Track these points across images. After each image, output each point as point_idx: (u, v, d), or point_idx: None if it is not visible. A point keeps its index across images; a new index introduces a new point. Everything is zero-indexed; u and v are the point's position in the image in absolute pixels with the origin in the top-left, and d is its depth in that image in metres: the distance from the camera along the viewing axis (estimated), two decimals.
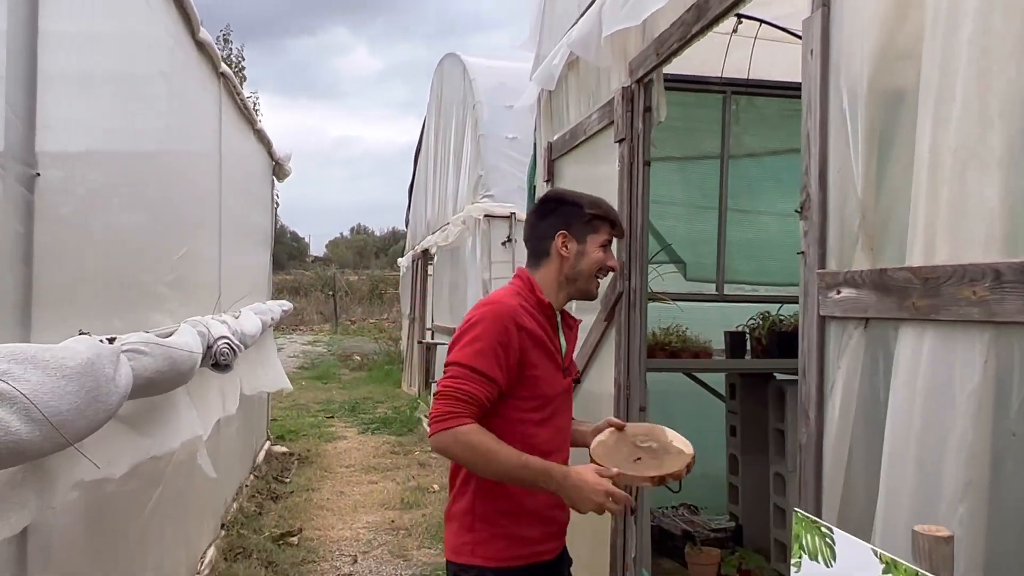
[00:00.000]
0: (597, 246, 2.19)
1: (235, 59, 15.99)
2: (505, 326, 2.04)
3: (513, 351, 2.04)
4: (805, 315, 1.80)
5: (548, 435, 2.14)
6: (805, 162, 1.81)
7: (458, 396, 1.97)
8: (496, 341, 2.02)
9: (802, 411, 1.80)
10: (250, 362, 5.81)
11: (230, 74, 5.17)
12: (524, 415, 2.09)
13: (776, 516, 4.24)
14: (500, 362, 2.02)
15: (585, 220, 2.20)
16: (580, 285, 2.21)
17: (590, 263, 2.18)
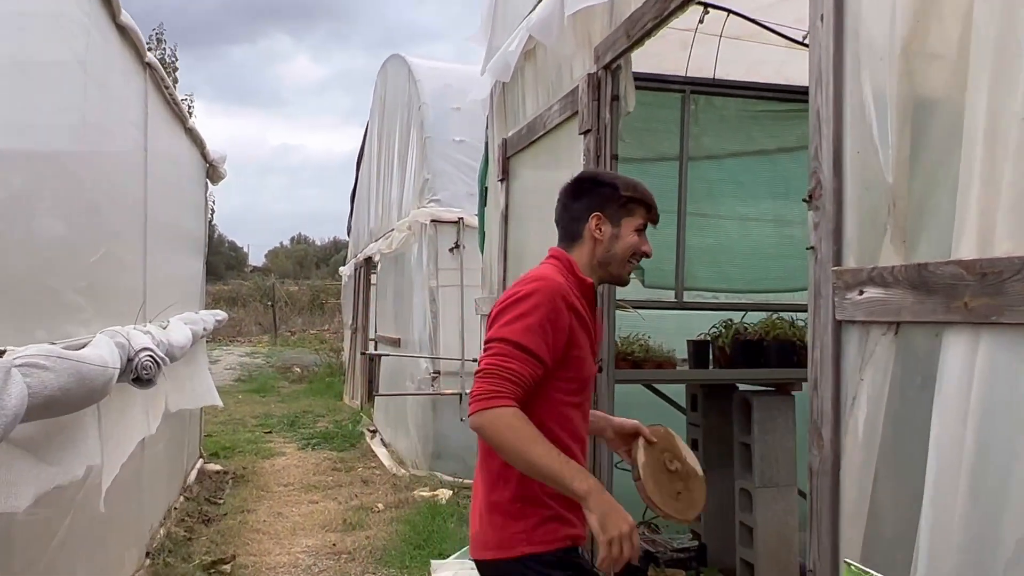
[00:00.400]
0: (632, 230, 2.09)
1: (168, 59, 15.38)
2: (556, 304, 1.94)
3: (561, 331, 1.94)
4: (816, 320, 1.56)
5: (580, 420, 2.06)
6: (814, 145, 1.58)
7: (503, 375, 1.85)
8: (546, 318, 1.91)
9: (813, 431, 1.56)
10: (179, 376, 5.42)
11: (157, 65, 4.80)
12: (564, 397, 1.99)
13: (743, 534, 4.04)
14: (548, 340, 1.91)
15: (621, 203, 2.09)
16: (612, 270, 2.12)
17: (624, 247, 2.09)
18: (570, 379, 1.99)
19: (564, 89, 3.09)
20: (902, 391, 1.36)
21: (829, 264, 1.52)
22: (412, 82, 8.20)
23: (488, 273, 4.42)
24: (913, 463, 1.30)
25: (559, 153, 3.16)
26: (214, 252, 46.41)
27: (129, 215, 4.22)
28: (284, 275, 43.57)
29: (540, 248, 3.60)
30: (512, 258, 3.78)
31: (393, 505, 6.18)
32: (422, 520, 5.60)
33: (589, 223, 2.10)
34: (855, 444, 1.46)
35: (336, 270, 20.63)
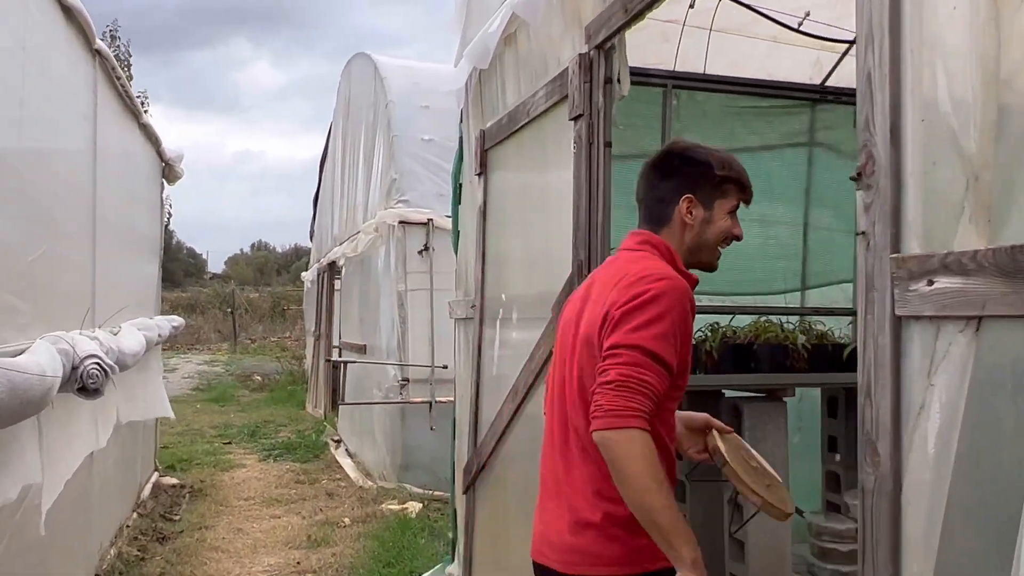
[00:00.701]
0: (725, 212, 1.91)
1: (123, 56, 14.88)
2: (685, 308, 1.77)
3: (688, 336, 1.80)
4: (870, 316, 1.35)
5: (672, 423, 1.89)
6: (864, 114, 1.37)
7: (640, 389, 1.66)
8: (676, 324, 1.73)
9: (866, 445, 1.35)
10: (130, 385, 5.09)
11: (108, 53, 4.49)
12: (670, 403, 1.83)
13: (733, 549, 3.84)
14: (676, 348, 1.73)
15: (715, 183, 1.90)
16: (703, 257, 1.93)
17: (716, 232, 1.91)
18: (679, 386, 1.82)
19: (550, 74, 2.86)
20: (985, 399, 1.15)
21: (886, 251, 1.31)
22: (378, 80, 7.94)
23: (463, 274, 4.17)
24: (1003, 485, 1.09)
25: (545, 142, 2.93)
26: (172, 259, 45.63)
27: (75, 212, 3.92)
28: (244, 282, 42.95)
29: (523, 246, 3.38)
30: (491, 258, 3.54)
31: (360, 520, 5.89)
32: (391, 536, 5.33)
33: (680, 206, 1.90)
34: (922, 461, 1.24)
35: (297, 277, 20.23)
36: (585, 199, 2.52)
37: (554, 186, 2.83)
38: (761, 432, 3.79)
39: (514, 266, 3.34)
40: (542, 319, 2.81)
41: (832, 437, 4.41)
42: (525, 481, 3.13)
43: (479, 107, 3.81)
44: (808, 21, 3.80)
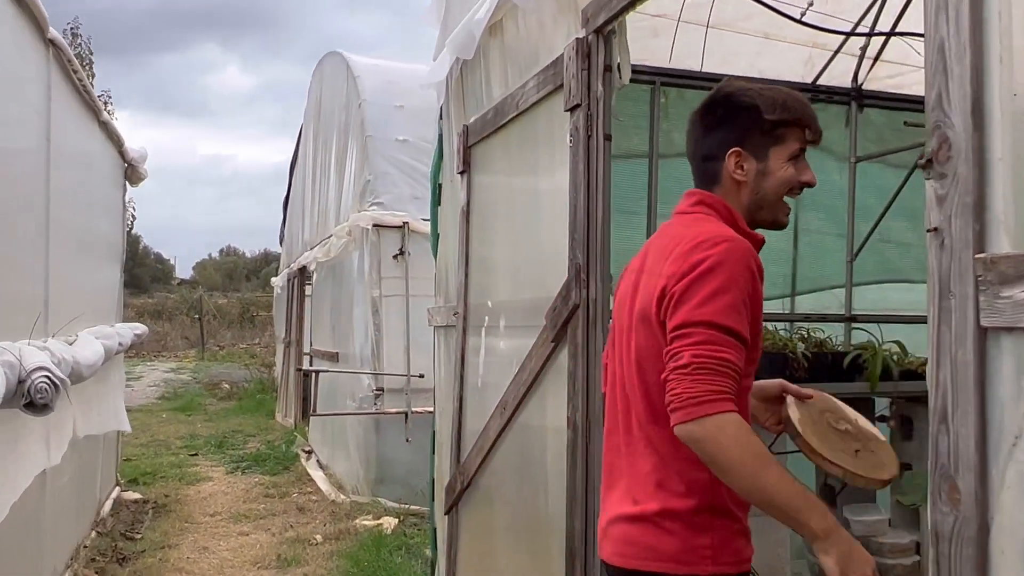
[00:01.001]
0: (784, 160, 1.68)
1: (84, 55, 14.43)
2: (751, 271, 1.56)
3: (757, 302, 1.58)
4: (945, 327, 1.14)
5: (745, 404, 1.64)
6: (936, 90, 1.17)
7: (720, 369, 1.49)
8: (745, 291, 1.54)
9: (942, 479, 1.15)
10: (87, 397, 4.80)
11: (63, 44, 4.21)
12: (746, 382, 1.62)
13: None
14: (747, 318, 1.54)
15: (766, 130, 1.68)
16: (766, 215, 1.72)
17: (776, 185, 1.69)
18: (753, 359, 1.62)
19: (542, 63, 2.65)
20: None
21: (968, 251, 1.10)
22: (351, 79, 7.69)
23: (443, 279, 3.95)
24: None
25: (537, 136, 2.72)
26: (139, 264, 44.90)
27: (25, 214, 3.64)
28: (213, 288, 42.41)
29: (512, 249, 3.15)
30: (476, 262, 3.32)
31: (333, 537, 5.62)
32: (366, 554, 5.07)
33: (727, 163, 1.70)
34: (1019, 502, 1.04)
35: (267, 282, 19.86)
36: (583, 196, 2.31)
37: (547, 183, 2.62)
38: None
39: (502, 271, 3.11)
40: (534, 327, 2.59)
41: None
42: (515, 501, 2.90)
43: (461, 102, 3.59)
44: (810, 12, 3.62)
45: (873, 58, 4.54)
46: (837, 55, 4.52)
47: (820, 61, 4.59)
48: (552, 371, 2.53)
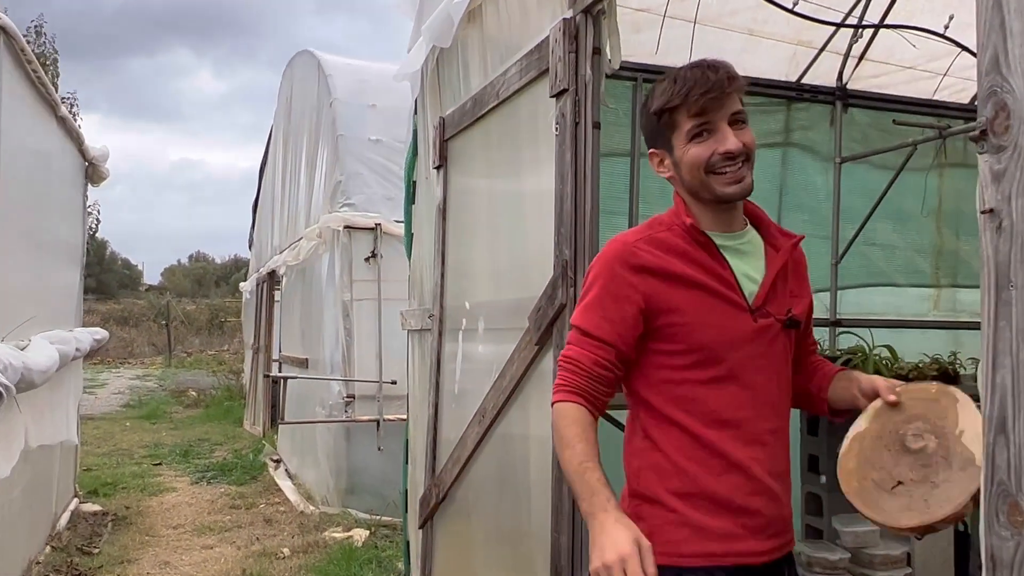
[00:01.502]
0: (684, 144, 1.64)
1: (48, 53, 14.02)
2: (614, 271, 1.65)
3: (630, 300, 1.63)
4: (1004, 322, 0.99)
5: (727, 399, 1.62)
6: (990, 49, 1.02)
7: (565, 366, 1.67)
8: (604, 291, 1.65)
9: (1000, 497, 0.99)
10: (39, 405, 4.56)
11: (15, 31, 3.99)
12: (678, 374, 1.64)
13: None
14: (609, 315, 1.64)
15: (656, 123, 1.69)
16: (706, 195, 1.67)
17: (689, 168, 1.65)
18: (676, 352, 1.63)
19: (525, 50, 2.49)
20: None
21: None
22: (323, 78, 7.49)
23: (417, 281, 3.77)
24: None
25: (519, 125, 2.55)
26: (106, 270, 44.16)
27: None
28: (181, 294, 41.89)
29: (492, 247, 2.98)
30: (452, 262, 3.15)
31: (301, 550, 5.40)
32: (335, 569, 4.86)
33: (654, 166, 1.77)
34: None
35: (236, 288, 19.54)
36: (570, 187, 2.15)
37: (530, 175, 2.46)
38: None
39: (481, 270, 2.94)
40: (516, 330, 2.42)
41: (813, 456, 4.13)
42: (495, 515, 2.73)
43: (437, 94, 3.42)
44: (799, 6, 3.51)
45: (858, 57, 4.45)
46: (822, 53, 4.42)
47: (805, 59, 4.49)
48: (535, 376, 2.37)
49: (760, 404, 1.65)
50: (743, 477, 1.62)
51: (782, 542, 1.69)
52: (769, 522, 1.66)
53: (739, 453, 1.62)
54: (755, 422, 1.63)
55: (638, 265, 1.64)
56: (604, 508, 1.50)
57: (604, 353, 1.63)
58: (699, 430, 1.62)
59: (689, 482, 1.62)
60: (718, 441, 1.61)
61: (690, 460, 1.62)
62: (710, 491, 1.62)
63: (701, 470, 1.62)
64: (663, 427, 1.65)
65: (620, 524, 1.49)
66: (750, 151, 1.64)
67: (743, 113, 1.66)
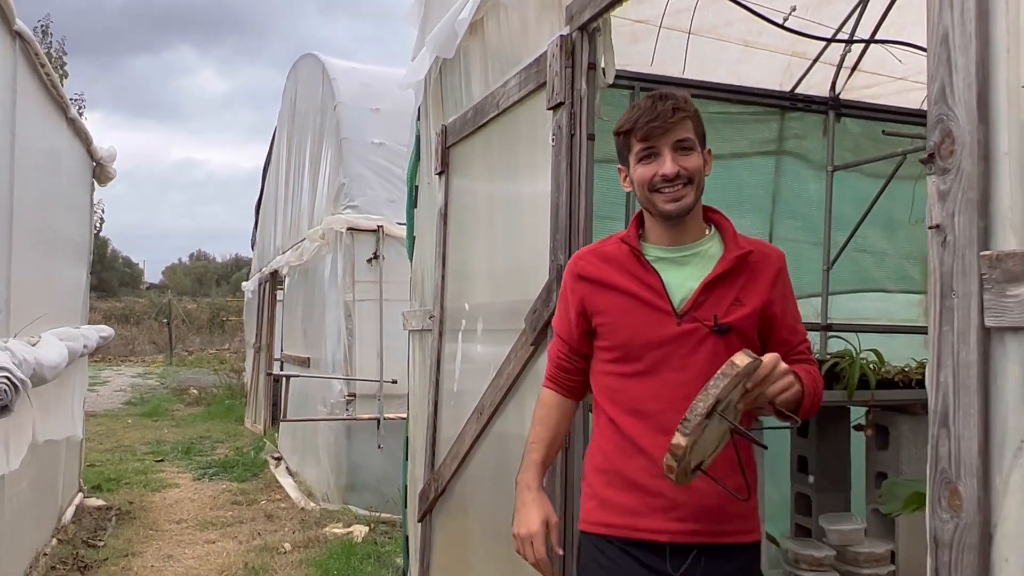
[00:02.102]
0: (636, 163, 1.85)
1: (56, 53, 14.16)
2: (565, 280, 2.00)
3: (573, 303, 1.95)
4: (947, 327, 1.10)
5: (643, 392, 1.82)
6: (939, 82, 1.13)
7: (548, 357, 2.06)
8: (560, 297, 2.02)
9: (942, 484, 1.10)
10: (46, 400, 4.67)
11: (30, 36, 4.10)
12: (607, 367, 1.90)
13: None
14: (562, 316, 2.00)
15: (620, 143, 1.92)
16: (652, 210, 1.87)
17: (638, 185, 1.86)
18: (605, 348, 1.89)
19: (524, 62, 2.60)
20: None
21: (971, 248, 1.07)
22: (327, 81, 7.60)
23: (418, 283, 3.88)
24: None
25: (518, 136, 2.67)
26: (107, 268, 44.20)
27: None
28: (182, 292, 41.95)
29: (490, 251, 3.09)
30: (453, 264, 3.26)
31: (301, 545, 5.51)
32: (335, 563, 4.97)
33: (621, 180, 1.96)
34: (1017, 507, 1.00)
35: (238, 287, 19.64)
36: (565, 196, 2.26)
37: (528, 184, 2.57)
38: None
39: (480, 273, 3.05)
40: (512, 331, 2.53)
41: (802, 457, 4.23)
42: (492, 509, 2.84)
43: (440, 102, 3.54)
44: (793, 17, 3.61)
45: (851, 68, 4.55)
46: (816, 64, 4.52)
47: (799, 70, 4.59)
48: (531, 375, 2.48)
49: (678, 399, 1.71)
50: (649, 461, 1.75)
51: (695, 528, 1.77)
52: (676, 505, 1.76)
53: (648, 440, 1.77)
54: (669, 415, 1.72)
55: (578, 274, 1.94)
56: (528, 486, 1.95)
57: (562, 347, 1.99)
58: (617, 416, 1.84)
59: (604, 460, 1.87)
60: (631, 427, 1.81)
61: (609, 442, 1.86)
62: (620, 470, 1.83)
63: (615, 451, 1.84)
64: (597, 412, 1.93)
65: (535, 503, 1.93)
66: (691, 175, 1.80)
67: (689, 140, 1.82)
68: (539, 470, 1.97)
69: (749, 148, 4.74)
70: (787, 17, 3.51)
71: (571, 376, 1.99)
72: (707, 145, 1.93)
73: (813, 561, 3.63)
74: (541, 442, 1.98)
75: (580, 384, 2.00)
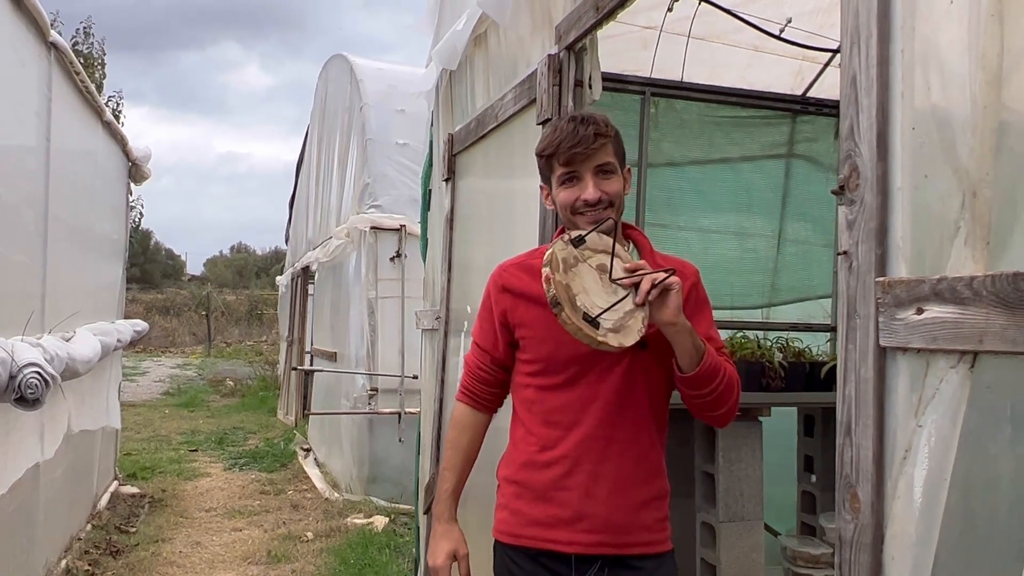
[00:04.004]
0: (558, 187, 1.88)
1: (96, 54, 14.57)
2: (488, 288, 1.99)
3: (497, 315, 1.94)
4: (851, 345, 1.21)
5: (563, 403, 1.84)
6: (848, 121, 1.23)
7: (465, 367, 2.04)
8: (484, 304, 2.00)
9: (845, 489, 1.21)
10: (81, 392, 4.90)
11: (64, 47, 4.31)
12: (527, 379, 1.91)
13: (705, 572, 3.70)
14: (485, 326, 1.99)
15: (541, 165, 1.94)
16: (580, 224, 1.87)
17: (561, 208, 1.89)
18: (526, 360, 1.91)
19: (520, 76, 2.72)
20: (981, 445, 1.01)
21: (870, 274, 1.17)
22: (354, 82, 7.78)
23: (430, 283, 4.02)
24: (999, 546, 0.96)
25: (513, 148, 2.79)
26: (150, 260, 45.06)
27: (22, 213, 3.73)
28: (222, 284, 42.62)
29: (488, 254, 3.23)
30: (458, 267, 3.39)
31: (323, 534, 5.70)
32: (353, 552, 5.15)
33: (543, 199, 2.00)
34: (907, 512, 1.11)
35: (275, 280, 19.99)
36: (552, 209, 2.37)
37: (520, 194, 2.69)
38: (736, 453, 3.67)
39: (480, 277, 3.18)
40: None
41: (808, 457, 4.30)
42: (487, 500, 2.97)
43: (448, 110, 3.67)
44: (790, 29, 3.68)
45: None
46: (827, 68, 4.57)
47: (810, 73, 4.65)
48: None
49: (597, 412, 1.80)
50: (560, 473, 1.81)
51: (600, 540, 1.80)
52: (581, 517, 1.80)
53: (561, 451, 1.81)
54: (587, 428, 1.80)
55: (501, 285, 1.94)
56: (439, 517, 2.00)
57: (482, 358, 1.98)
58: (534, 427, 1.87)
59: (516, 471, 1.90)
60: (546, 438, 1.84)
61: (522, 453, 1.89)
62: (529, 481, 1.86)
63: (524, 460, 1.87)
64: (514, 423, 1.94)
65: (445, 537, 1.99)
66: (612, 198, 1.82)
67: (610, 164, 1.83)
68: (451, 500, 2.01)
69: (759, 151, 4.80)
70: (783, 29, 3.58)
71: (489, 388, 1.98)
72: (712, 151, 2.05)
73: (810, 558, 3.72)
74: (452, 470, 2.01)
75: (497, 397, 2.00)
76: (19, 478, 3.66)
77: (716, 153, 4.71)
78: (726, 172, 4.74)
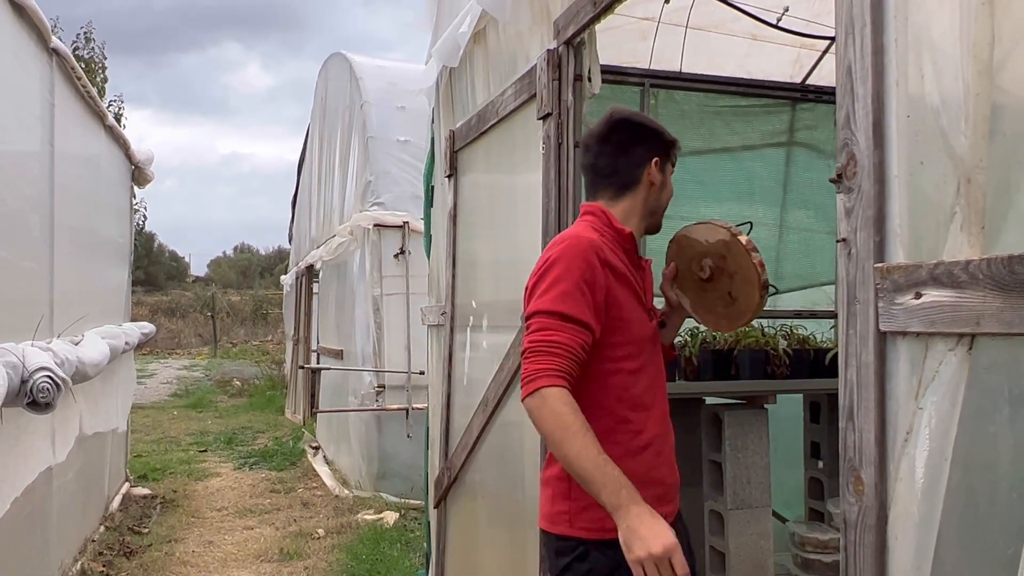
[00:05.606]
0: (669, 176, 1.99)
1: (97, 58, 14.59)
2: (589, 261, 1.76)
3: (600, 289, 1.77)
4: (852, 330, 1.23)
5: (644, 386, 1.85)
6: (844, 110, 1.25)
7: (550, 349, 1.69)
8: (581, 279, 1.74)
9: (849, 471, 1.23)
10: (93, 395, 4.93)
11: (66, 52, 4.33)
12: (617, 364, 1.81)
13: (713, 560, 3.73)
14: (588, 303, 1.74)
15: (667, 148, 1.97)
16: (656, 219, 2.02)
17: (668, 196, 1.99)
18: (618, 344, 1.81)
19: (519, 72, 2.74)
20: (980, 426, 1.03)
21: (869, 260, 1.19)
22: (354, 80, 7.79)
23: (435, 280, 4.04)
24: (1000, 522, 0.98)
25: (514, 143, 2.81)
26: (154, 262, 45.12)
27: (27, 218, 3.75)
28: (227, 285, 42.63)
29: (491, 249, 3.26)
30: (462, 262, 3.42)
31: (335, 531, 5.74)
32: (365, 548, 5.18)
33: (650, 168, 1.93)
34: (910, 492, 1.13)
35: (279, 280, 20.03)
36: (554, 202, 2.40)
37: (522, 189, 2.71)
38: (743, 440, 3.69)
39: (484, 272, 3.21)
40: (512, 327, 2.68)
41: (815, 443, 4.32)
42: (496, 495, 3.00)
43: (449, 107, 3.68)
44: (787, 17, 3.69)
45: None
46: (825, 55, 4.57)
47: (808, 61, 4.65)
48: None
49: (661, 389, 1.94)
50: (654, 452, 1.86)
51: (677, 506, 1.97)
52: (668, 490, 1.91)
53: (653, 432, 1.87)
54: (662, 405, 1.92)
55: (604, 260, 1.79)
56: (637, 501, 1.61)
57: (586, 337, 1.73)
58: (626, 413, 1.81)
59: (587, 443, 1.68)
60: (638, 422, 1.82)
61: (615, 444, 1.75)
62: (629, 469, 1.70)
63: (622, 451, 1.76)
64: (593, 412, 1.73)
65: (658, 519, 1.61)
66: None
67: None
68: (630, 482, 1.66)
69: (760, 140, 4.82)
70: (780, 18, 3.59)
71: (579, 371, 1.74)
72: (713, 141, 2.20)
73: (818, 544, 3.74)
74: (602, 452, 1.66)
75: None
76: (32, 481, 3.70)
77: (717, 143, 4.73)
78: (727, 161, 4.76)
